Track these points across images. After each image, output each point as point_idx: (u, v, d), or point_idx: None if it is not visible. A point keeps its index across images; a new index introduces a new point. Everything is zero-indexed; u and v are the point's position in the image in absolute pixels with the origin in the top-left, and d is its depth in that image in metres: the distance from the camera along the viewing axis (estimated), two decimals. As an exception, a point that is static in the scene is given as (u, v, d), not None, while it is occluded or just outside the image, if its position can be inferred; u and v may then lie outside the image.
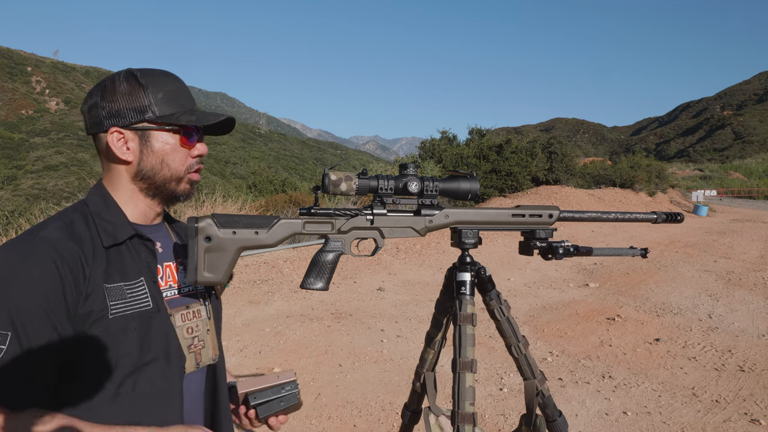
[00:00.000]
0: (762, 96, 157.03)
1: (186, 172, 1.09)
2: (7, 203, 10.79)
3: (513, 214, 1.35)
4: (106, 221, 1.03)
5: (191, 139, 1.09)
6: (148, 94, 1.03)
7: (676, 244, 10.85)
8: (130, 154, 1.05)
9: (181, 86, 1.09)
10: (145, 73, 1.06)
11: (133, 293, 1.01)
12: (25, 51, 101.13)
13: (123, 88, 1.03)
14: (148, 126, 1.04)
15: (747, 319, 5.57)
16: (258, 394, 1.20)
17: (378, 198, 1.26)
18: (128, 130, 1.04)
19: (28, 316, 0.89)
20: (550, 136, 23.49)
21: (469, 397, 1.27)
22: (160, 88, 1.05)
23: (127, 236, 1.03)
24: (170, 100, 1.06)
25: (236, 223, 1.14)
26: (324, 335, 4.92)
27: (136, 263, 1.04)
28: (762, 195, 35.98)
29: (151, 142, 1.05)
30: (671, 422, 3.29)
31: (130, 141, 1.04)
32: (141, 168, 1.06)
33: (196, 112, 1.08)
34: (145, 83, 1.04)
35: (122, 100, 1.02)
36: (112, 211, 1.05)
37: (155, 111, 1.04)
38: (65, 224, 1.00)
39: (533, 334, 5.05)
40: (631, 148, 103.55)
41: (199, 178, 1.14)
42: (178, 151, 1.07)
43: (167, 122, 1.05)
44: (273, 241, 1.17)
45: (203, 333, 1.13)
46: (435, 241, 9.80)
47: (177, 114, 1.05)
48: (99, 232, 1.01)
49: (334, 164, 1.36)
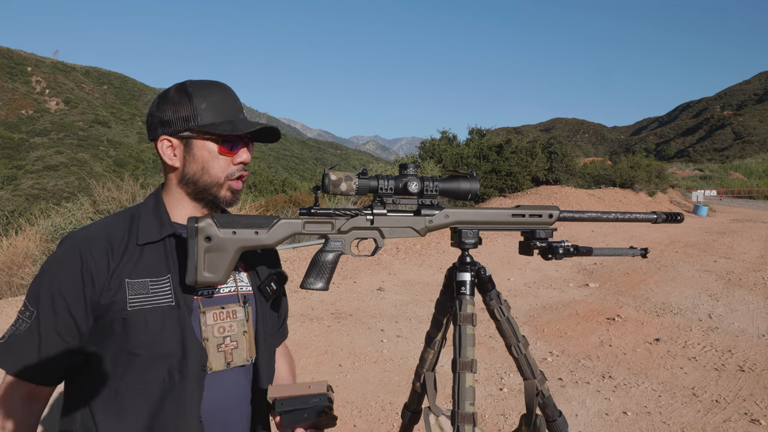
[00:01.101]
0: (762, 96, 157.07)
1: (226, 179, 1.14)
2: (7, 203, 10.78)
3: (513, 214, 1.34)
4: (148, 222, 1.11)
5: (232, 147, 1.13)
6: (193, 104, 1.10)
7: (676, 244, 10.85)
8: (176, 160, 1.13)
9: (226, 95, 1.14)
10: (195, 83, 1.13)
11: (156, 289, 1.06)
12: (25, 51, 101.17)
13: (174, 98, 1.11)
14: (190, 134, 1.11)
15: (747, 319, 5.57)
16: (285, 402, 1.16)
17: (378, 198, 1.25)
18: (175, 138, 1.12)
19: (50, 299, 1.02)
20: (550, 136, 23.50)
21: (469, 397, 1.27)
22: (205, 98, 1.11)
23: (164, 235, 1.10)
24: (213, 109, 1.11)
25: (236, 223, 1.14)
26: (324, 335, 4.92)
27: (168, 261, 1.10)
28: (762, 195, 35.98)
29: (194, 150, 1.12)
30: (671, 422, 3.29)
31: (176, 148, 1.12)
32: (185, 173, 1.13)
33: (236, 121, 1.12)
34: (192, 93, 1.11)
35: (171, 110, 1.10)
36: (158, 212, 1.13)
37: (198, 120, 1.10)
38: (109, 222, 1.11)
39: (533, 334, 5.05)
40: (631, 148, 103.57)
41: (241, 186, 1.18)
42: (218, 159, 1.12)
43: (207, 131, 1.10)
44: (273, 241, 1.17)
45: (238, 334, 1.15)
46: (435, 241, 9.80)
47: (217, 123, 1.10)
48: (139, 230, 1.09)
49: (334, 164, 1.36)
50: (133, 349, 1.02)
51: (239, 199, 1.20)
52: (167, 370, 1.04)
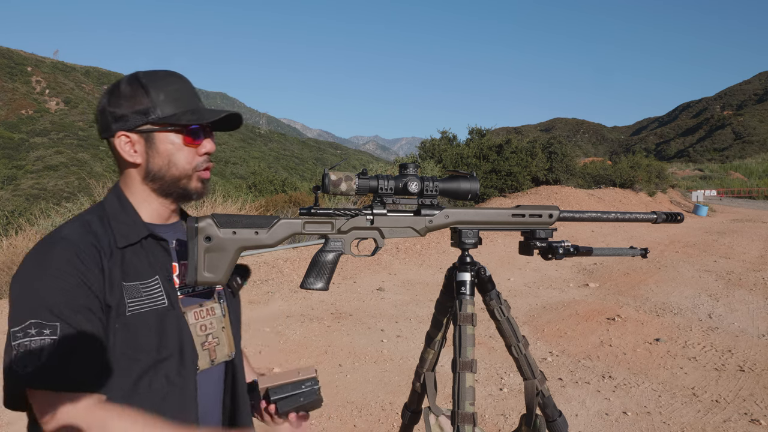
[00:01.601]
0: (762, 96, 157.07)
1: (194, 170, 1.11)
2: (7, 203, 10.78)
3: (513, 214, 1.35)
4: (121, 223, 1.06)
5: (196, 137, 1.10)
6: (150, 96, 1.05)
7: (676, 244, 10.84)
8: (138, 156, 1.07)
9: (183, 85, 1.10)
10: (148, 75, 1.08)
11: (148, 291, 1.04)
12: (25, 51, 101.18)
13: (127, 91, 1.05)
14: (151, 128, 1.06)
15: (747, 319, 5.57)
16: (278, 389, 1.21)
17: (378, 198, 1.25)
18: (134, 133, 1.06)
19: (64, 307, 0.93)
20: (550, 136, 23.50)
21: (469, 397, 1.27)
22: (162, 89, 1.06)
23: (141, 236, 1.06)
24: (173, 101, 1.07)
25: (236, 223, 1.14)
26: (324, 335, 4.92)
27: (151, 262, 1.06)
28: (762, 195, 35.98)
29: (156, 144, 1.07)
30: (671, 422, 3.29)
31: (136, 143, 1.07)
32: (150, 169, 1.08)
33: (198, 111, 1.09)
34: (147, 85, 1.06)
35: (126, 104, 1.05)
36: (127, 212, 1.08)
37: (158, 112, 1.05)
38: (83, 223, 1.04)
39: (533, 334, 5.05)
40: (631, 148, 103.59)
41: (210, 176, 1.15)
42: (184, 150, 1.09)
43: (169, 123, 1.06)
44: (273, 241, 1.17)
45: (218, 330, 1.14)
46: (435, 241, 9.80)
47: (179, 114, 1.07)
48: (114, 233, 1.04)
49: (334, 164, 1.36)
50: (134, 355, 0.99)
51: (209, 190, 1.17)
52: (165, 373, 1.02)
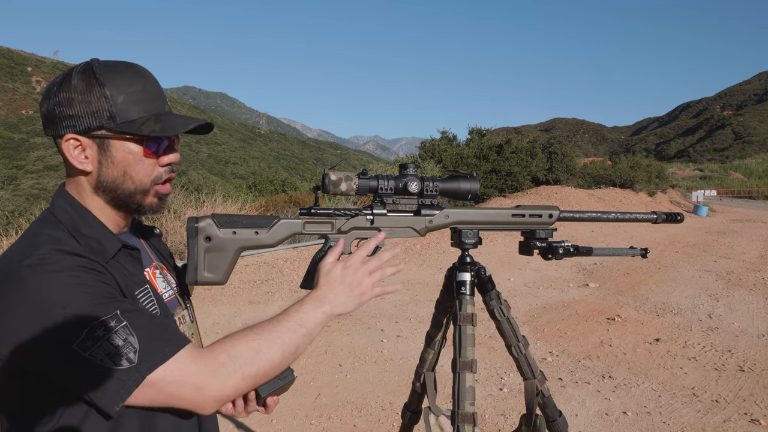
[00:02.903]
0: (762, 96, 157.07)
1: (153, 183, 0.98)
2: (7, 203, 10.78)
3: (513, 214, 1.35)
4: (89, 238, 0.92)
5: (157, 148, 0.96)
6: (107, 97, 0.90)
7: (676, 244, 10.84)
8: (88, 163, 0.93)
9: (147, 85, 0.96)
10: (106, 68, 0.92)
11: (144, 302, 0.96)
12: (25, 51, 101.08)
13: (80, 86, 0.90)
14: (106, 134, 0.92)
15: (747, 319, 5.57)
16: None
17: (378, 198, 1.26)
18: (85, 137, 0.92)
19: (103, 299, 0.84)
20: (550, 136, 23.51)
21: (469, 397, 1.27)
22: (122, 90, 0.91)
23: (117, 249, 0.95)
24: (134, 103, 0.92)
25: (236, 223, 1.14)
26: (324, 335, 4.92)
27: (131, 273, 0.97)
28: (762, 195, 35.98)
29: (111, 152, 0.93)
30: (671, 422, 3.29)
31: (88, 149, 0.93)
32: (102, 180, 0.94)
33: (163, 119, 0.94)
34: (105, 83, 0.90)
35: (78, 103, 0.90)
36: (90, 224, 0.94)
37: (116, 117, 0.91)
38: (59, 239, 0.89)
39: (533, 334, 5.05)
40: (631, 148, 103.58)
41: (170, 190, 1.02)
42: (143, 162, 0.95)
43: (128, 131, 0.92)
44: (273, 241, 1.17)
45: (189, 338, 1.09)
46: (435, 241, 9.80)
47: (140, 121, 0.92)
48: (92, 247, 0.91)
49: (334, 164, 1.37)
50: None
51: (166, 204, 1.03)
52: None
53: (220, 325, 5.11)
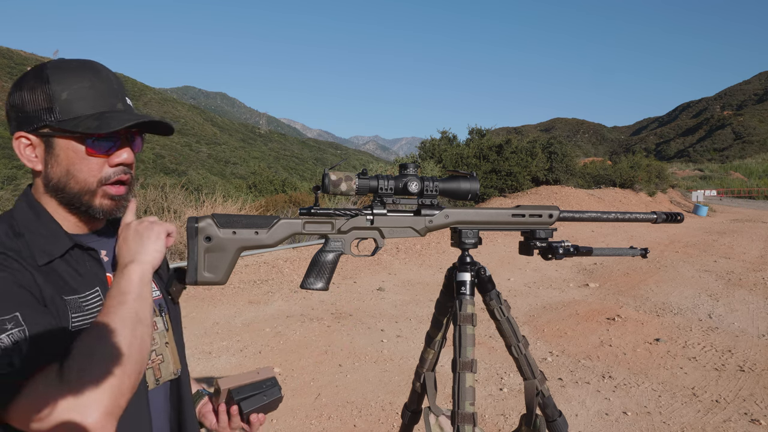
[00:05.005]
0: (762, 96, 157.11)
1: (99, 184, 0.93)
2: (7, 203, 10.78)
3: (513, 214, 1.35)
4: (37, 235, 0.90)
5: (101, 148, 0.92)
6: (50, 94, 0.89)
7: (676, 244, 10.85)
8: (38, 162, 0.92)
9: (96, 80, 0.93)
10: (57, 65, 0.92)
11: (89, 306, 0.91)
12: (25, 51, 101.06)
13: (30, 84, 0.90)
14: (50, 132, 0.90)
15: (747, 319, 5.57)
16: (240, 390, 1.19)
17: (378, 198, 1.26)
18: (34, 136, 0.91)
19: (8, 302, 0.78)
20: (550, 136, 23.52)
21: (469, 397, 1.27)
22: (67, 86, 0.90)
23: (65, 249, 0.91)
24: (77, 100, 0.90)
25: (236, 223, 1.14)
26: (324, 335, 4.92)
27: (83, 275, 0.93)
28: (762, 195, 35.98)
29: (56, 150, 0.91)
30: (671, 422, 3.29)
31: (37, 147, 0.92)
32: (49, 179, 0.92)
33: (107, 116, 0.91)
34: (51, 79, 0.89)
35: (28, 100, 0.89)
36: (43, 222, 0.92)
37: (57, 114, 0.89)
38: None
39: (533, 334, 5.05)
40: (631, 148, 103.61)
41: (123, 191, 0.97)
42: (87, 161, 0.92)
43: (66, 128, 0.89)
44: (273, 241, 1.17)
45: (161, 347, 1.04)
46: (435, 241, 9.80)
47: (80, 119, 0.90)
48: (31, 248, 0.87)
49: (334, 164, 1.36)
50: None
51: (124, 206, 0.98)
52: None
53: (220, 325, 5.11)
